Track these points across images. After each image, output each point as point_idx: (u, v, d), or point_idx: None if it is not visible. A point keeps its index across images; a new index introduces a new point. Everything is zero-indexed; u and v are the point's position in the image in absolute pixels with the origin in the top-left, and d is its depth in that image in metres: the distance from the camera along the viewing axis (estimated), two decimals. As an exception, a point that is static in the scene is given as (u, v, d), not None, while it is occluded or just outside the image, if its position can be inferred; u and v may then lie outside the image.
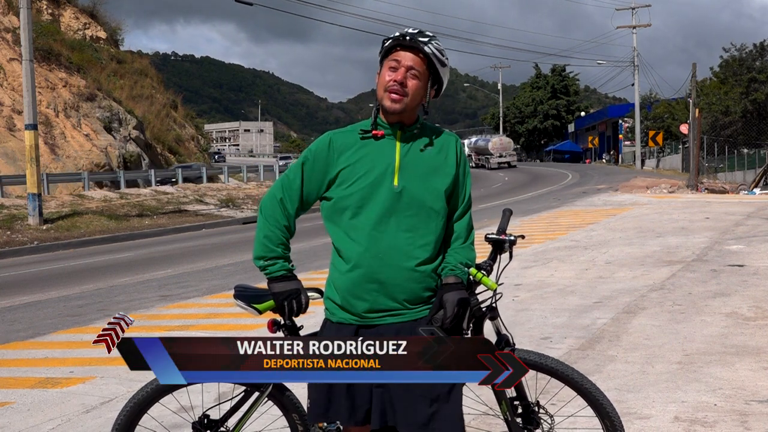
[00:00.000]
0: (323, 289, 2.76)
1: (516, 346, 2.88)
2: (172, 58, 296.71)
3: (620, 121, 67.07)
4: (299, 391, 3.08)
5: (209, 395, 3.11)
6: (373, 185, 2.60)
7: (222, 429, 2.91)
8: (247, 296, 2.81)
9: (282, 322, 2.79)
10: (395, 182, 2.60)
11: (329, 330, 2.69)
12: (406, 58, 2.59)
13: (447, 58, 2.65)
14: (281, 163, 49.81)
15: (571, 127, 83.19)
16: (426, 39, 2.60)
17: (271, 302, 2.74)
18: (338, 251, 2.66)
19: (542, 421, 2.91)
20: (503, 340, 2.84)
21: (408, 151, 2.64)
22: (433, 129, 2.74)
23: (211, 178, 35.64)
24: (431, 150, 2.67)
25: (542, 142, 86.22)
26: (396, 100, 2.58)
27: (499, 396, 2.85)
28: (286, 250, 2.70)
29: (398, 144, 2.65)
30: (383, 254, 2.58)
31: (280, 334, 2.80)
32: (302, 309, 2.70)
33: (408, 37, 2.59)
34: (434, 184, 2.64)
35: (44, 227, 19.69)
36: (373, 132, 2.65)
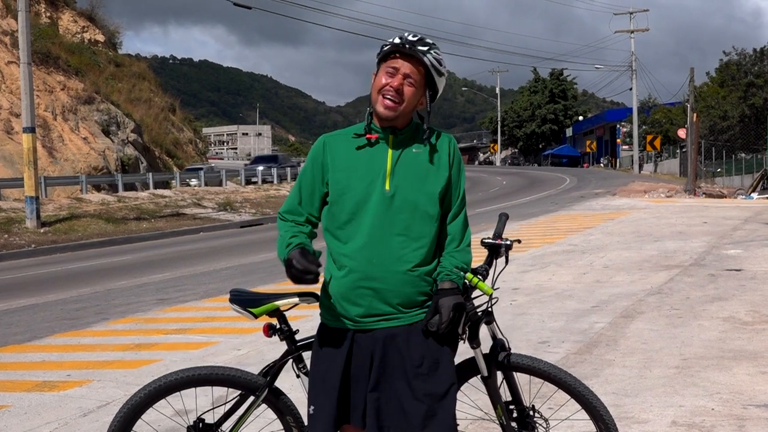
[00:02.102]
0: (319, 294, 2.75)
1: (512, 350, 2.87)
2: (170, 61, 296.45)
3: (618, 126, 67.19)
4: (295, 395, 3.07)
5: (204, 399, 3.10)
6: (366, 190, 2.59)
7: (217, 433, 2.90)
8: (243, 300, 2.80)
9: (278, 326, 2.79)
10: (387, 186, 2.59)
11: (325, 335, 2.68)
12: (405, 66, 2.56)
13: (445, 67, 2.63)
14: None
15: (569, 132, 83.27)
16: (426, 48, 2.57)
17: (266, 306, 2.74)
18: (332, 256, 2.66)
19: (537, 425, 2.91)
20: (499, 345, 2.84)
21: (400, 155, 2.63)
22: (426, 130, 2.69)
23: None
24: (424, 152, 2.65)
25: (540, 146, 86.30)
26: (390, 107, 2.56)
27: (495, 400, 2.85)
28: (309, 237, 2.64)
29: (390, 148, 2.64)
30: (377, 258, 2.57)
31: (276, 338, 2.80)
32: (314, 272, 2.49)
33: (408, 45, 2.56)
34: (427, 187, 2.63)
35: (42, 230, 19.67)
36: (367, 136, 2.64)
